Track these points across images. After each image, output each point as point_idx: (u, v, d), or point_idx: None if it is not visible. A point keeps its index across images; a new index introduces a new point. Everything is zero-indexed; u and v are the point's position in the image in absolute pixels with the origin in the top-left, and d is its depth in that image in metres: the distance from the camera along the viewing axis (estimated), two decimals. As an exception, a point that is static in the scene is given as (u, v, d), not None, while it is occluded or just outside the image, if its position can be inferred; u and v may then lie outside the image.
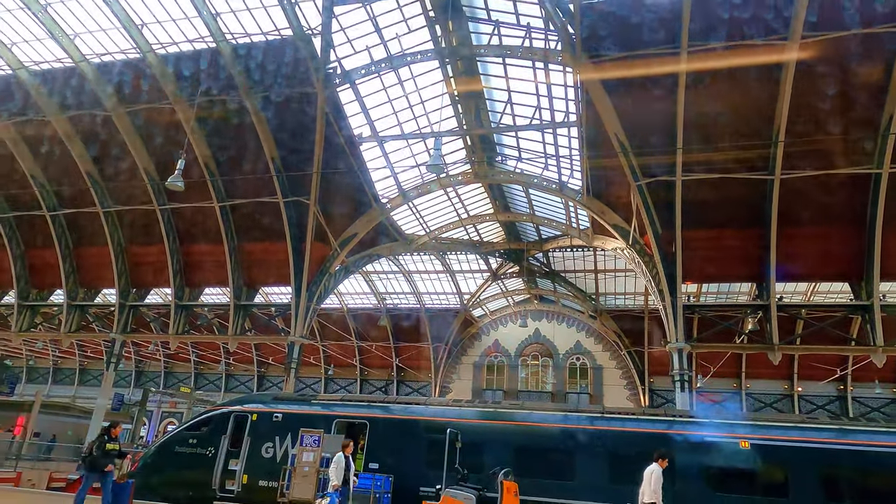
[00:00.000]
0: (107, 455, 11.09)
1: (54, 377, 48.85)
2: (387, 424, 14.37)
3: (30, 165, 24.10)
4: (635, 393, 37.01)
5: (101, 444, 11.12)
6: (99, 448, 11.05)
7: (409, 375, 41.94)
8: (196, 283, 26.06)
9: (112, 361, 26.16)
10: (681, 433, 12.87)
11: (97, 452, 11.07)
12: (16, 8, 18.74)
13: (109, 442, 11.24)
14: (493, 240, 32.90)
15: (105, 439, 11.21)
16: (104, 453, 11.07)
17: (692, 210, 18.98)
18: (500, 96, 21.72)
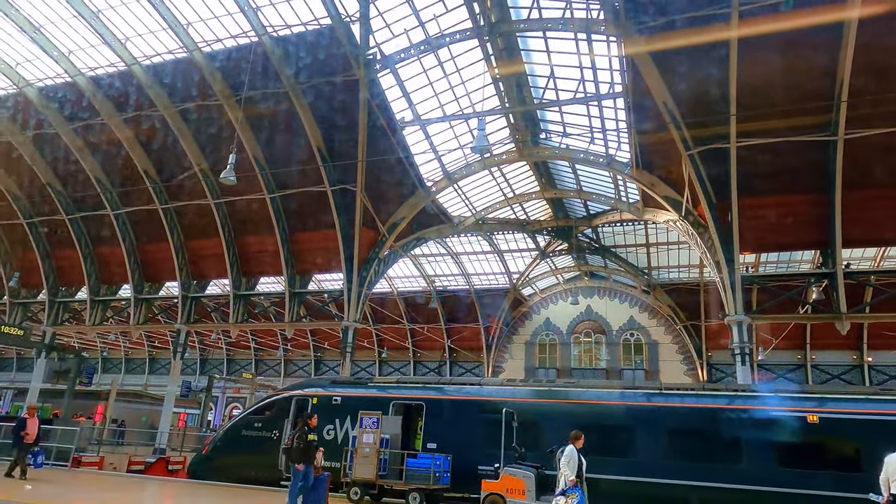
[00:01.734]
0: (309, 446, 10.41)
1: (126, 367, 51.66)
2: (443, 405, 14.57)
3: (92, 167, 25.29)
4: (693, 368, 36.20)
5: (303, 435, 10.41)
6: (301, 439, 10.34)
7: (461, 356, 42.29)
8: (252, 273, 26.91)
9: (178, 351, 27.45)
10: (744, 408, 12.54)
11: (301, 444, 10.35)
12: (70, 17, 19.56)
13: (310, 432, 10.56)
14: (540, 218, 32.55)
15: (306, 430, 10.52)
16: (307, 444, 10.37)
17: (748, 177, 18.23)
18: (542, 71, 21.29)
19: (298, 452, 10.31)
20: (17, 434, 13.95)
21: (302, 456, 10.29)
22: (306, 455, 10.33)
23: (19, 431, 13.93)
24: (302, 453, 10.29)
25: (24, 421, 14.12)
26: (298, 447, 10.31)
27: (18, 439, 13.93)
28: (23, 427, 13.95)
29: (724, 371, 35.52)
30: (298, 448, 10.32)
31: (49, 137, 24.73)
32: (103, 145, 24.66)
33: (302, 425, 10.67)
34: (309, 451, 10.36)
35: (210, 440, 18.05)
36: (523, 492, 11.23)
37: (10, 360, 53.53)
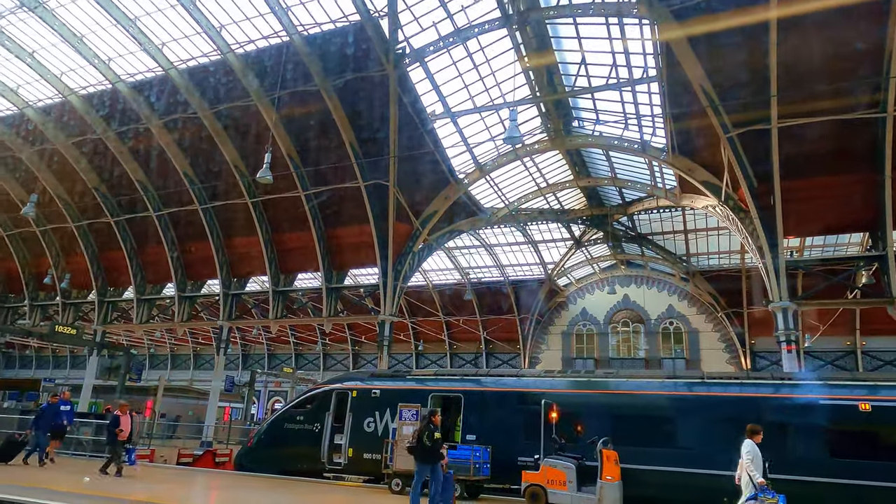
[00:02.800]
0: (436, 444, 9.98)
1: (173, 363, 53.37)
2: (481, 397, 14.61)
3: (134, 170, 26.10)
4: (735, 356, 35.39)
5: (430, 432, 9.96)
6: (429, 437, 9.91)
7: (497, 348, 42.28)
8: (289, 270, 27.42)
9: (221, 346, 28.21)
10: (791, 397, 12.21)
11: (428, 442, 9.91)
12: (109, 25, 20.18)
13: (436, 430, 10.12)
14: (574, 207, 32.19)
15: (431, 427, 10.09)
16: (434, 442, 9.94)
17: (790, 159, 17.66)
18: (573, 58, 20.99)
19: (425, 451, 9.90)
20: (112, 431, 13.86)
21: (429, 455, 9.90)
22: (433, 454, 9.93)
23: (114, 428, 13.85)
24: (429, 452, 9.90)
25: (118, 418, 14.01)
26: (424, 446, 9.91)
27: (114, 436, 13.84)
28: (117, 424, 13.87)
29: (769, 359, 34.61)
30: (424, 447, 9.91)
31: (93, 143, 25.63)
32: (144, 149, 25.43)
33: (427, 423, 10.22)
34: (436, 449, 9.94)
35: (254, 433, 18.52)
36: (564, 483, 11.20)
37: (65, 358, 55.91)
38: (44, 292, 33.78)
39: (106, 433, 14.29)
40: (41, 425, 15.17)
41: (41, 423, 15.20)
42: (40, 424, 15.17)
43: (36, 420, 15.37)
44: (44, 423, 15.23)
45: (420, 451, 9.95)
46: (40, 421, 15.23)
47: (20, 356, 58.28)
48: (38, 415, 15.54)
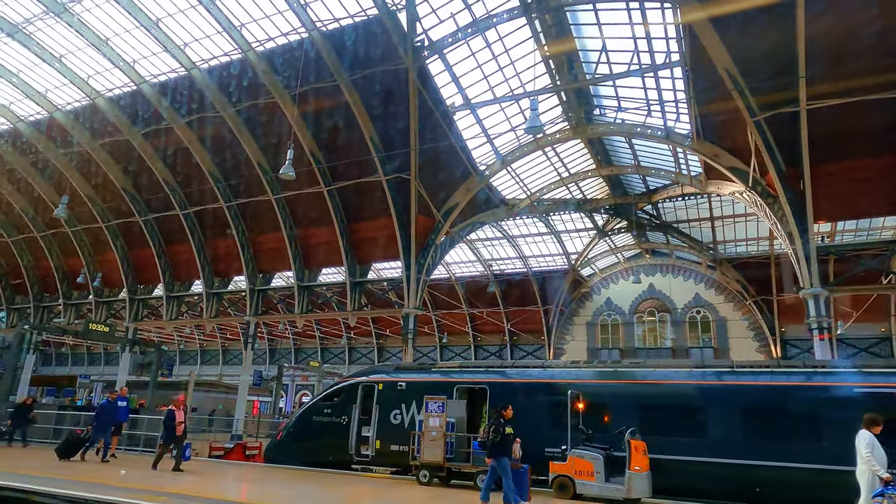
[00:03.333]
0: (507, 439, 9.85)
1: (202, 358, 54.42)
2: (506, 388, 14.60)
3: (160, 170, 26.57)
4: (765, 345, 34.76)
5: (500, 427, 9.81)
6: (498, 432, 9.77)
7: (521, 339, 42.20)
8: (314, 265, 27.68)
9: (248, 342, 28.64)
10: (824, 385, 11.95)
11: (498, 437, 9.74)
12: (133, 28, 20.51)
13: (506, 424, 9.95)
14: (597, 196, 31.85)
15: (501, 421, 9.93)
16: (504, 437, 9.80)
17: (820, 142, 17.19)
18: (594, 45, 20.71)
19: (496, 446, 9.73)
20: (171, 426, 13.76)
21: (500, 450, 9.72)
22: (504, 448, 9.77)
23: (171, 423, 13.74)
24: (500, 447, 9.73)
25: (174, 413, 13.86)
26: (495, 441, 9.73)
27: (171, 431, 13.76)
28: (174, 419, 13.75)
29: (800, 347, 33.92)
30: (495, 442, 9.73)
31: (120, 144, 26.13)
32: (169, 149, 25.85)
33: (497, 417, 10.02)
34: (506, 444, 9.80)
35: (283, 426, 18.79)
36: (592, 473, 11.15)
37: (99, 354, 57.42)
38: (77, 291, 34.67)
39: (162, 428, 14.25)
40: (101, 421, 15.21)
41: (101, 419, 15.25)
42: (100, 421, 15.22)
43: (96, 416, 15.45)
44: (104, 419, 15.28)
45: (491, 445, 9.80)
46: (100, 417, 15.28)
47: (56, 353, 60.03)
48: (99, 411, 15.60)
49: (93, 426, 15.38)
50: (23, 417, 18.60)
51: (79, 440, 15.30)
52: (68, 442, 15.31)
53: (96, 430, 15.21)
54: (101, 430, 15.20)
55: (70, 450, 15.07)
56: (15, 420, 18.48)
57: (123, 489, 9.87)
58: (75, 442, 15.25)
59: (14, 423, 18.48)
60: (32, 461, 14.46)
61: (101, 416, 15.36)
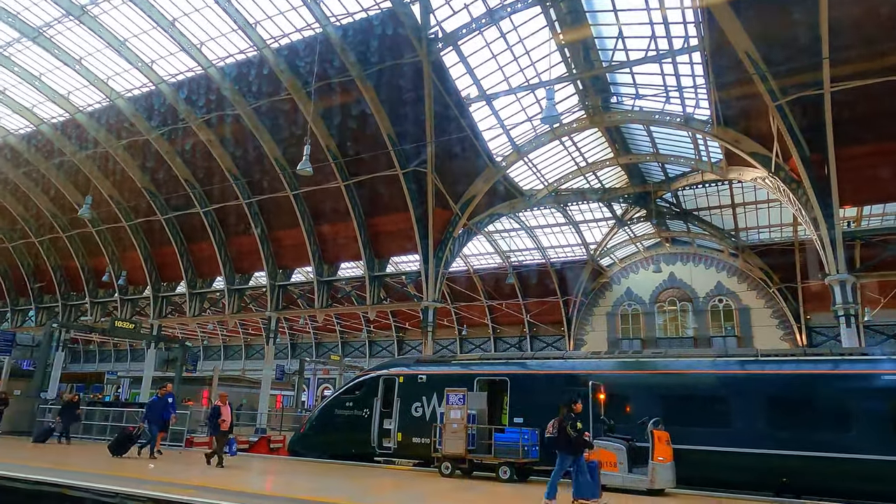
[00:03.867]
0: (580, 435, 9.39)
1: (225, 353, 55.24)
2: (527, 380, 14.59)
3: (180, 168, 26.91)
4: (790, 333, 34.23)
5: (573, 422, 9.39)
6: (573, 427, 9.35)
7: (541, 330, 42.08)
8: (333, 259, 27.86)
9: (270, 337, 28.97)
10: (851, 373, 11.74)
11: (573, 432, 9.33)
12: (150, 28, 20.73)
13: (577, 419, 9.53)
14: (615, 185, 31.53)
15: (573, 416, 9.52)
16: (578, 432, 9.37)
17: (845, 125, 16.80)
18: (610, 32, 20.42)
19: (568, 442, 9.33)
20: (214, 422, 13.72)
21: (573, 446, 9.32)
22: (578, 444, 9.35)
23: (216, 419, 13.69)
24: (573, 443, 9.32)
25: (219, 408, 13.83)
26: (568, 436, 9.32)
27: (216, 427, 13.68)
28: (219, 414, 13.71)
29: (826, 335, 33.34)
30: (568, 437, 9.32)
31: (140, 144, 26.51)
32: (188, 147, 26.13)
33: (567, 412, 9.61)
34: (580, 439, 9.38)
35: (306, 420, 19.02)
36: (615, 464, 11.10)
37: (125, 351, 58.61)
38: (103, 290, 35.34)
39: (208, 424, 14.19)
40: (152, 418, 15.19)
41: (151, 415, 15.22)
42: (151, 417, 15.20)
43: (147, 412, 15.44)
44: (154, 415, 15.24)
45: (563, 442, 9.38)
46: (150, 414, 15.26)
47: (84, 350, 61.40)
48: (149, 407, 15.58)
49: (144, 422, 15.42)
50: (70, 414, 18.78)
51: (130, 437, 15.42)
52: (120, 438, 15.40)
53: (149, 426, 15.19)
54: (152, 426, 15.20)
55: (122, 446, 15.14)
56: (63, 417, 18.65)
57: (151, 482, 10.07)
58: (127, 438, 15.35)
59: (63, 419, 18.64)
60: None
61: (151, 411, 15.35)
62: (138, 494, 8.81)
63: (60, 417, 18.76)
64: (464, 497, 10.28)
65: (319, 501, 8.96)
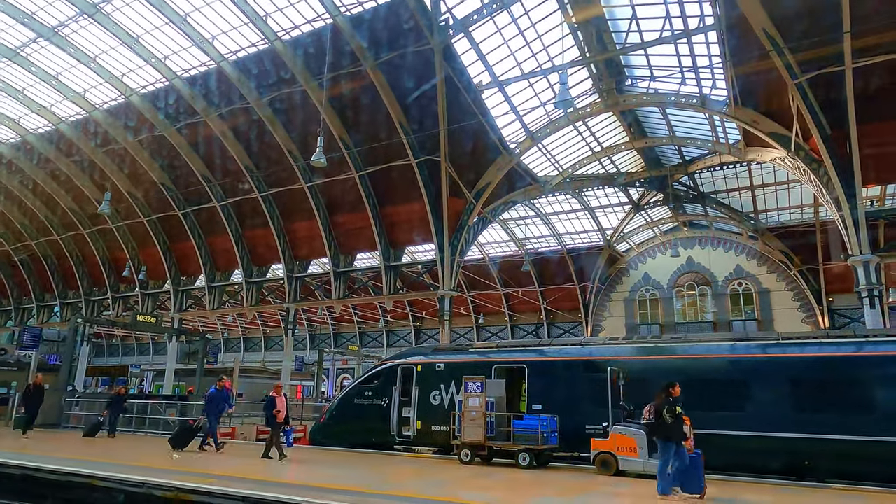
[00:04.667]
0: (679, 420, 8.73)
1: (245, 345, 55.91)
2: (545, 367, 14.57)
3: (196, 163, 27.14)
4: (811, 315, 33.75)
5: (671, 406, 8.74)
6: (671, 413, 8.70)
7: (558, 317, 41.97)
8: (348, 250, 27.98)
9: (289, 328, 29.26)
10: (877, 355, 11.53)
11: (670, 418, 8.71)
12: (162, 24, 20.84)
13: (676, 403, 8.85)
14: (631, 169, 31.18)
15: (671, 401, 8.85)
16: (676, 417, 8.71)
17: (867, 101, 16.43)
18: (623, 13, 20.10)
19: (668, 429, 8.67)
20: (270, 413, 13.37)
21: (672, 432, 8.64)
22: (676, 430, 8.65)
23: (272, 410, 13.34)
24: (671, 429, 8.65)
25: (274, 399, 13.49)
26: (665, 422, 8.71)
27: (273, 418, 13.33)
28: (274, 405, 13.37)
29: (849, 317, 32.81)
30: (665, 423, 8.69)
31: (156, 140, 26.76)
32: (203, 141, 26.34)
33: (665, 397, 8.94)
34: (678, 425, 8.66)
35: (326, 409, 19.20)
36: (635, 449, 11.07)
37: (147, 345, 59.60)
38: (124, 284, 35.92)
39: (264, 416, 13.81)
40: (212, 411, 14.74)
41: (211, 408, 14.75)
42: (211, 410, 14.73)
43: (207, 406, 14.85)
44: (214, 408, 14.82)
45: (661, 428, 8.79)
46: (211, 406, 14.76)
47: (108, 345, 62.58)
48: (209, 400, 14.92)
49: (205, 415, 14.88)
50: (118, 407, 18.69)
51: (192, 429, 15.01)
52: (181, 431, 15.08)
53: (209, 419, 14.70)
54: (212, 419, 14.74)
55: (184, 439, 14.78)
56: (111, 410, 18.43)
57: (171, 471, 10.26)
58: (189, 431, 14.98)
59: (110, 413, 18.41)
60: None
61: (211, 404, 14.83)
62: (155, 483, 8.98)
63: (108, 411, 18.47)
64: (483, 484, 10.33)
65: (341, 489, 9.06)
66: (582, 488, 10.06)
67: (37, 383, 18.89)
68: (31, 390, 18.55)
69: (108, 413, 18.40)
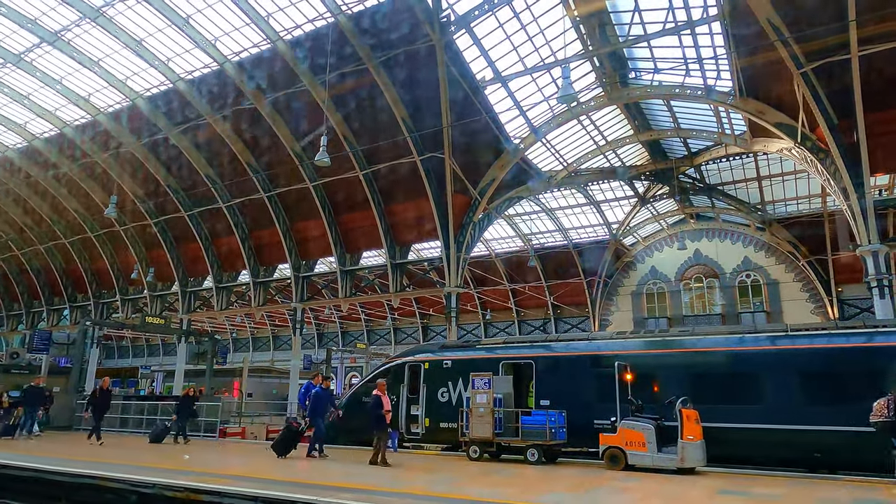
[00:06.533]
0: None
1: (254, 345, 56.15)
2: (553, 362, 14.56)
3: (201, 164, 27.23)
4: (821, 306, 33.52)
5: None
6: None
7: (565, 312, 41.90)
8: (355, 249, 28.02)
9: (297, 327, 29.35)
10: (888, 345, 11.45)
11: None
12: (164, 27, 20.89)
13: None
14: (636, 163, 31.05)
15: None
16: None
17: (874, 90, 16.30)
18: (626, 6, 19.97)
19: None
20: (380, 414, 12.30)
21: None
22: None
23: (380, 411, 12.32)
24: None
25: (380, 398, 12.49)
26: None
27: (381, 420, 12.34)
28: (381, 405, 12.38)
29: (859, 307, 32.58)
30: None
31: (161, 142, 26.86)
32: (208, 143, 26.44)
33: None
34: None
35: (335, 408, 19.23)
36: (644, 444, 11.04)
37: (157, 346, 59.96)
38: (132, 287, 36.15)
39: (372, 418, 12.42)
40: (319, 411, 13.35)
41: (318, 408, 13.34)
42: (318, 410, 13.33)
43: (313, 406, 13.35)
44: (321, 409, 13.43)
45: None
46: (318, 407, 13.32)
47: (117, 346, 63.02)
48: (315, 400, 13.37)
49: (309, 416, 13.49)
50: (188, 410, 17.41)
51: (296, 434, 13.60)
52: (286, 436, 13.54)
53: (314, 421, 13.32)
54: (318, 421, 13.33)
55: (288, 445, 13.42)
56: (180, 414, 17.14)
57: (180, 472, 10.32)
58: (293, 436, 13.58)
59: (179, 417, 17.14)
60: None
61: (319, 404, 13.40)
62: (157, 483, 9.04)
63: (177, 415, 17.17)
64: (492, 480, 10.33)
65: (352, 488, 9.08)
66: (591, 483, 10.05)
67: (35, 385, 18.54)
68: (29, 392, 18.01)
69: (177, 417, 17.16)
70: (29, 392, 18.10)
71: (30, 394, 18.04)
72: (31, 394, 18.03)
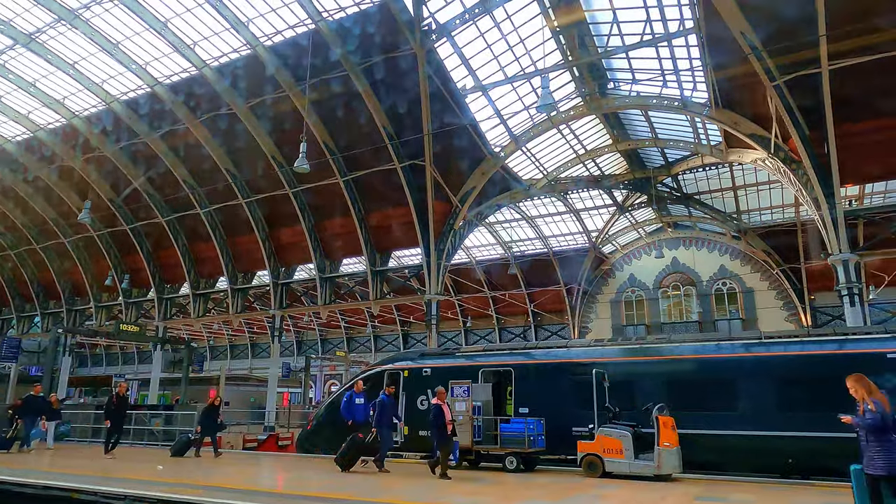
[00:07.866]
0: None
1: (231, 353, 55.38)
2: (531, 370, 14.60)
3: (178, 170, 26.88)
4: (794, 313, 34.16)
5: None
6: None
7: (545, 319, 42.09)
8: (335, 256, 27.87)
9: (275, 335, 29.03)
10: (857, 352, 11.71)
11: None
12: (142, 30, 20.66)
13: None
14: (615, 172, 31.43)
15: None
16: None
17: (844, 102, 16.66)
18: (604, 17, 20.28)
19: None
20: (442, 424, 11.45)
21: None
22: None
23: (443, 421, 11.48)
24: None
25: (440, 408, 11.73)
26: None
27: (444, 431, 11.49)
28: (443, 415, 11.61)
29: (831, 314, 33.26)
30: None
31: (138, 147, 26.48)
32: (186, 148, 26.12)
33: None
34: None
35: (313, 416, 19.06)
36: (621, 451, 11.12)
37: (132, 353, 58.81)
38: (106, 293, 35.43)
39: (434, 430, 11.52)
40: (385, 421, 12.59)
41: (384, 418, 12.59)
42: (384, 420, 12.57)
43: (379, 415, 12.58)
44: (388, 418, 12.70)
45: None
46: (384, 416, 12.57)
47: (91, 355, 61.66)
48: (381, 408, 12.63)
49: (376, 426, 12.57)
50: (212, 421, 16.04)
51: (362, 446, 12.64)
52: (351, 447, 12.61)
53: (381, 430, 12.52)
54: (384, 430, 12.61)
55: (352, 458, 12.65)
56: (204, 424, 15.94)
57: (159, 483, 10.12)
58: (359, 448, 12.65)
59: (203, 428, 15.93)
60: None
61: (384, 413, 12.57)
62: (147, 496, 8.85)
63: (201, 426, 15.94)
64: (471, 489, 10.32)
65: (331, 498, 8.99)
66: (569, 491, 10.09)
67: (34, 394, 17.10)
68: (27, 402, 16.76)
69: (202, 428, 15.92)
70: (27, 402, 16.85)
71: (28, 404, 16.80)
72: (30, 404, 16.83)
